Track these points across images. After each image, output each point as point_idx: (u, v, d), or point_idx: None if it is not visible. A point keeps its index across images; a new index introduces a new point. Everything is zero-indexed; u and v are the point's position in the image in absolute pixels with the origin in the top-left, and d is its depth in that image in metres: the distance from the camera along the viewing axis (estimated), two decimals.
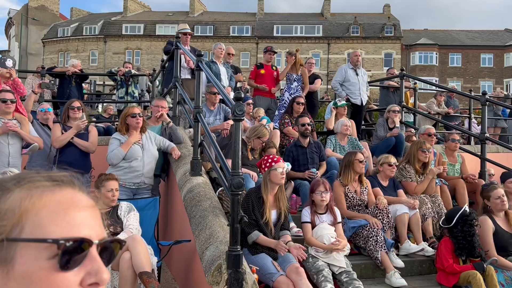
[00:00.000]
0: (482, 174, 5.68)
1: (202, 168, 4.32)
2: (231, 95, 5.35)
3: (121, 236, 3.37)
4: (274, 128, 5.88)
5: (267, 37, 42.38)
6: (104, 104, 10.51)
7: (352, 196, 4.29)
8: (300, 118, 5.34)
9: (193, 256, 3.45)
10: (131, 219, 3.55)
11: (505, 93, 12.09)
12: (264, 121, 5.53)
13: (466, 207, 3.90)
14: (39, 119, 5.03)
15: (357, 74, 7.04)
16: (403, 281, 3.60)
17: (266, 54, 7.33)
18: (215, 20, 44.29)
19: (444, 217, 4.09)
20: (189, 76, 6.43)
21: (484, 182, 5.31)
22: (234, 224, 2.84)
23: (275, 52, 7.63)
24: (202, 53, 4.45)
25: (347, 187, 4.30)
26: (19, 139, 4.32)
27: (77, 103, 4.73)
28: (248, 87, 13.56)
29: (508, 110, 9.91)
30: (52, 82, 8.06)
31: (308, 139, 5.14)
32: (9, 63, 4.87)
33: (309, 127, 5.20)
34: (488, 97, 5.97)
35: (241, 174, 2.89)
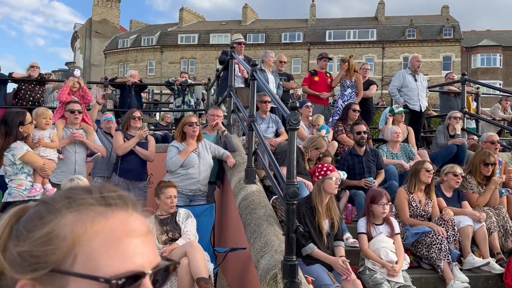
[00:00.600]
0: None
1: (256, 176, 4.36)
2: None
3: (180, 242, 3.48)
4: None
5: (319, 43, 42.08)
6: (162, 112, 10.92)
7: (416, 206, 4.14)
8: (356, 125, 5.22)
9: (248, 264, 3.48)
10: (188, 225, 3.65)
11: None
12: (323, 132, 5.49)
13: None
14: (103, 127, 5.33)
15: (415, 80, 6.81)
16: (466, 284, 3.43)
17: (321, 61, 7.27)
18: (267, 27, 44.68)
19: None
20: (242, 85, 6.53)
21: None
22: (289, 233, 2.83)
23: (330, 59, 7.54)
24: (257, 63, 4.51)
25: (411, 195, 4.16)
26: (84, 148, 4.59)
27: (137, 113, 4.96)
28: (300, 93, 13.52)
29: None
30: (114, 92, 8.50)
31: (364, 147, 5.02)
32: (77, 72, 5.23)
33: (365, 135, 5.07)
34: None
35: (296, 183, 2.88)
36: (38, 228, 0.57)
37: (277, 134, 5.65)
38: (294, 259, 2.76)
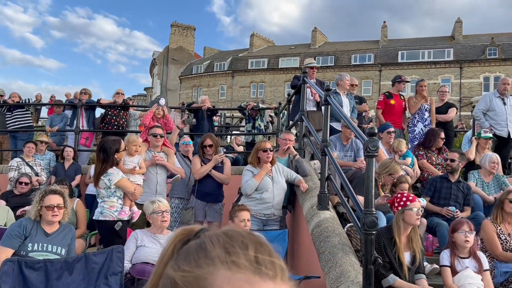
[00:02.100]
0: None
1: (329, 202, 4.28)
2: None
3: None
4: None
5: (390, 63, 40.99)
6: (233, 136, 11.22)
7: (505, 239, 3.80)
8: (451, 153, 5.12)
9: None
10: None
11: None
12: (409, 160, 5.29)
13: None
14: (181, 151, 5.58)
15: (504, 103, 6.36)
16: None
17: (399, 84, 6.93)
18: (336, 50, 44.50)
19: None
20: (314, 108, 6.52)
21: None
22: (367, 265, 2.73)
23: (408, 81, 7.22)
24: (331, 88, 4.49)
25: (499, 228, 3.84)
26: (165, 170, 4.84)
27: (208, 141, 5.06)
28: (371, 115, 13.16)
29: None
30: (191, 116, 8.91)
31: (457, 176, 4.81)
32: (162, 101, 5.58)
33: (453, 164, 4.82)
34: None
35: (374, 212, 2.79)
36: (192, 267, 0.60)
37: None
38: None
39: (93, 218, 4.12)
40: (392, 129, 5.69)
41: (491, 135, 5.81)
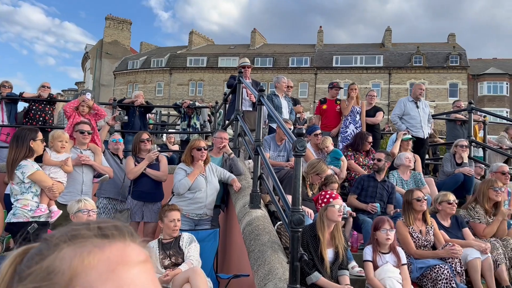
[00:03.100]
0: None
1: (261, 201, 4.34)
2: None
3: (182, 267, 3.44)
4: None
5: (326, 67, 42.49)
6: (167, 134, 10.99)
7: (417, 237, 4.06)
8: (377, 153, 5.38)
9: None
10: (192, 250, 3.61)
11: None
12: (345, 159, 5.57)
13: None
14: (110, 149, 5.36)
15: (417, 107, 6.83)
16: None
17: (332, 90, 7.30)
18: (274, 52, 45.26)
19: None
20: (250, 108, 6.57)
21: None
22: (294, 262, 2.80)
23: (341, 88, 7.62)
24: (264, 88, 4.55)
25: (411, 227, 4.09)
26: (91, 169, 4.61)
27: (145, 135, 5.00)
28: (306, 117, 13.57)
29: None
30: (123, 113, 8.60)
31: (383, 175, 5.06)
32: (88, 95, 5.30)
33: (380, 163, 5.09)
34: None
35: (301, 210, 2.86)
36: (37, 264, 0.58)
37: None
38: (298, 287, 2.72)
39: (6, 221, 3.78)
40: (318, 131, 5.91)
41: (409, 136, 6.23)
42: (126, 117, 7.22)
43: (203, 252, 3.81)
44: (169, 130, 12.49)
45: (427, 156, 8.04)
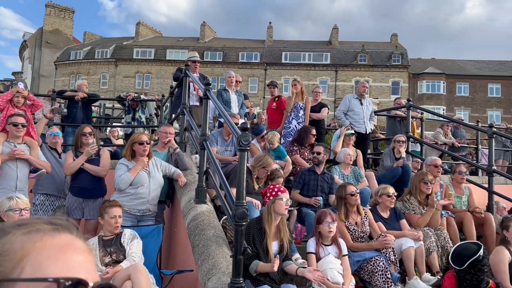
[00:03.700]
0: (489, 207, 5.60)
1: (207, 196, 4.32)
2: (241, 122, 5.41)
3: (124, 264, 3.35)
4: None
5: (275, 63, 42.93)
6: (111, 128, 10.61)
7: (354, 229, 4.22)
8: (316, 146, 5.47)
9: (195, 287, 3.41)
10: (134, 247, 3.53)
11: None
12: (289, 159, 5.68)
13: (481, 252, 3.74)
14: (48, 142, 5.09)
15: (361, 104, 7.12)
16: None
17: (269, 88, 7.75)
18: (224, 46, 45.05)
19: (452, 252, 3.97)
20: (197, 103, 6.50)
21: (491, 215, 5.24)
22: (237, 255, 2.81)
23: (275, 86, 8.06)
24: (210, 82, 4.51)
25: (347, 221, 4.25)
26: (27, 164, 4.36)
27: (88, 129, 4.79)
28: (255, 113, 13.68)
29: None
30: (63, 106, 8.20)
31: (321, 167, 5.18)
32: (20, 85, 4.99)
33: (319, 156, 5.23)
34: (495, 130, 5.95)
35: (245, 204, 2.88)
36: None
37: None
38: (241, 281, 2.73)
39: None
40: (265, 132, 6.00)
41: (353, 131, 6.46)
42: (65, 110, 6.88)
43: (146, 249, 3.73)
44: (113, 124, 12.06)
45: (369, 151, 8.37)
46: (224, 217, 4.02)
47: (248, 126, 3.01)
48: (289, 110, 7.18)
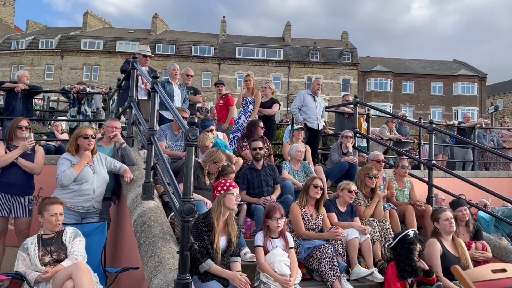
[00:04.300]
0: (429, 200, 5.90)
1: (155, 192, 4.23)
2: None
3: (65, 263, 3.22)
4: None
5: (229, 58, 42.80)
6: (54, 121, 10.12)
7: (308, 219, 4.34)
8: (253, 142, 5.43)
9: (141, 284, 3.34)
10: (76, 245, 3.39)
11: (454, 121, 12.75)
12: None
13: (409, 231, 4.03)
14: None
15: (315, 100, 7.30)
16: None
17: (217, 87, 8.16)
18: (177, 39, 44.27)
19: (392, 240, 4.21)
20: (146, 97, 6.34)
21: (430, 207, 5.53)
22: (183, 251, 2.77)
23: (223, 84, 8.49)
24: (158, 75, 4.41)
25: (304, 210, 4.36)
26: None
27: (24, 122, 4.54)
28: (208, 107, 13.58)
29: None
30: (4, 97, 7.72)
31: (261, 162, 5.20)
32: None
33: (261, 151, 5.26)
34: (435, 126, 6.27)
35: (192, 200, 2.84)
36: None
37: None
38: (188, 277, 2.70)
39: None
40: (213, 127, 5.97)
41: (301, 126, 6.59)
42: (1, 103, 6.47)
43: (90, 247, 3.61)
44: (58, 118, 11.52)
45: (319, 146, 8.56)
46: (172, 213, 3.97)
47: (196, 120, 2.97)
48: (238, 107, 7.22)
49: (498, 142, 11.03)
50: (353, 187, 4.73)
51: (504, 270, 2.20)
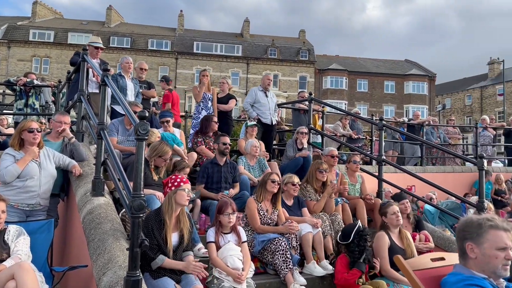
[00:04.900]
0: (379, 194, 6.12)
1: (106, 188, 4.12)
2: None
3: (7, 263, 3.07)
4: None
5: (187, 53, 42.25)
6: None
7: (264, 214, 4.39)
8: (222, 137, 5.45)
9: (90, 282, 3.25)
10: (20, 244, 3.24)
11: (404, 119, 13.26)
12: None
13: (359, 223, 4.16)
14: None
15: (266, 96, 7.36)
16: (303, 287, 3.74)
17: (161, 83, 8.27)
18: (132, 32, 43.15)
19: (339, 235, 4.33)
20: (97, 90, 6.13)
21: (380, 201, 5.73)
22: (133, 248, 2.73)
23: (169, 80, 8.51)
24: (109, 68, 4.28)
25: (260, 204, 4.39)
26: None
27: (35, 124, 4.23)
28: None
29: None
30: None
31: (225, 158, 5.20)
32: None
33: (230, 147, 5.27)
34: (384, 123, 6.50)
35: (142, 195, 2.80)
36: None
37: None
38: (138, 274, 2.66)
39: None
40: (169, 118, 5.89)
41: (255, 122, 6.64)
42: None
43: (35, 245, 3.45)
44: (4, 111, 10.92)
45: (274, 142, 8.65)
46: (123, 210, 3.88)
47: (147, 114, 2.92)
48: (198, 101, 7.14)
49: (445, 138, 11.61)
50: (296, 179, 4.80)
51: (442, 259, 2.33)
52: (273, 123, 7.38)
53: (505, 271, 2.07)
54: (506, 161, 12.17)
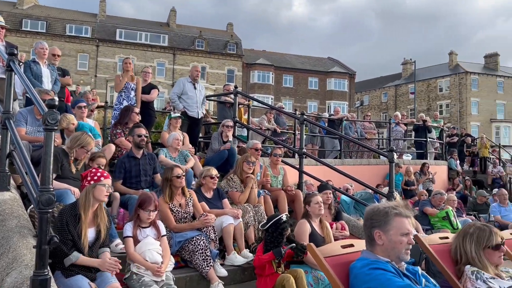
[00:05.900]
0: (300, 185, 6.35)
1: (12, 182, 3.81)
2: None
3: None
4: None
5: (109, 40, 40.29)
6: None
7: (177, 210, 4.30)
8: (136, 128, 5.19)
9: None
10: None
11: (325, 114, 13.87)
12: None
13: (283, 216, 4.27)
14: None
15: (195, 88, 7.23)
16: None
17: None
18: (48, 16, 40.14)
19: (265, 221, 4.42)
20: (3, 76, 5.62)
21: (300, 192, 5.95)
22: (41, 245, 2.55)
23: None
24: (16, 52, 3.94)
25: (171, 203, 4.30)
26: None
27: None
28: (81, 91, 12.64)
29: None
30: None
31: (142, 150, 5.02)
32: None
33: (145, 138, 5.09)
34: (305, 117, 6.74)
35: (51, 189, 2.62)
36: None
37: None
38: (46, 273, 2.50)
39: None
40: (83, 104, 5.61)
41: (179, 114, 6.53)
42: None
43: None
44: None
45: (200, 134, 8.58)
46: (32, 205, 3.61)
47: (56, 102, 2.72)
48: (118, 91, 6.84)
49: (361, 133, 12.34)
50: (214, 172, 4.80)
51: (352, 246, 2.47)
52: (200, 117, 7.28)
53: (407, 255, 2.25)
54: (416, 154, 13.24)
